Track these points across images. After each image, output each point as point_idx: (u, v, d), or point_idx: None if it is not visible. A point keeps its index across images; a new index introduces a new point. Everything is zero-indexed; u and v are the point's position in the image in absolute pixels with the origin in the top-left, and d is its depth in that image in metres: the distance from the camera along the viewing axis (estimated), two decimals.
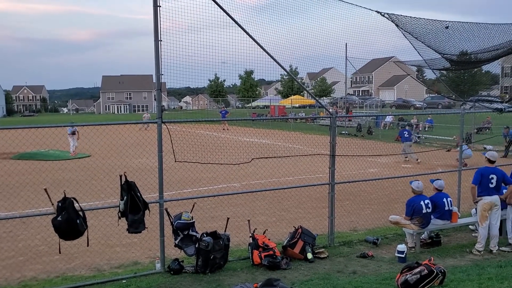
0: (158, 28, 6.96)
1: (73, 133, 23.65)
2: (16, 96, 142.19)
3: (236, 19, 7.38)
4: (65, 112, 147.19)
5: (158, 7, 6.91)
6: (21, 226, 10.32)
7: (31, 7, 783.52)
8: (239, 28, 7.43)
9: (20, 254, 8.70)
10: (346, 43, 10.40)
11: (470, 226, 9.86)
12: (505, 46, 11.22)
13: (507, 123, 26.27)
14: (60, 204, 6.51)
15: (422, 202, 8.62)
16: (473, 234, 9.46)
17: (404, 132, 21.48)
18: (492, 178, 8.45)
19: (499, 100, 14.22)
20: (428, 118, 34.42)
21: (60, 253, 6.82)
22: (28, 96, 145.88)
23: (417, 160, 20.05)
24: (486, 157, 8.74)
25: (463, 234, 9.74)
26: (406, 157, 20.79)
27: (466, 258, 8.23)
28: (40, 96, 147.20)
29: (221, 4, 7.23)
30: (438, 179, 9.30)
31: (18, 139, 8.93)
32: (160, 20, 6.93)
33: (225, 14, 7.29)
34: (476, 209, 8.90)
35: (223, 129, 38.35)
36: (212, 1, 7.14)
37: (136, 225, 6.93)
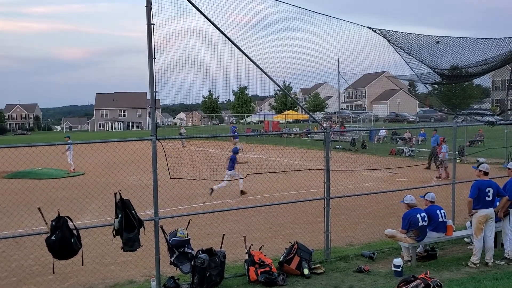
0: (152, 46, 6.99)
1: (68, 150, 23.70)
2: (9, 115, 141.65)
3: (229, 36, 7.44)
4: (58, 130, 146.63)
5: (152, 25, 6.96)
6: (14, 246, 10.21)
7: (24, 26, 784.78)
8: (233, 45, 7.50)
9: (13, 274, 8.60)
10: (338, 59, 10.49)
11: (465, 239, 9.87)
12: (495, 60, 11.38)
13: (498, 136, 26.48)
14: (54, 223, 6.47)
15: (418, 215, 8.64)
16: (468, 247, 9.47)
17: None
18: (489, 191, 8.47)
19: (491, 113, 14.36)
20: (421, 131, 34.61)
21: (54, 273, 6.75)
22: (21, 115, 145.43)
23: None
24: (481, 170, 8.75)
25: (458, 247, 9.75)
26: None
27: (462, 271, 8.23)
28: (33, 115, 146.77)
29: (214, 22, 7.30)
30: (428, 192, 9.34)
31: (11, 158, 8.88)
32: (154, 38, 6.98)
33: (218, 31, 7.35)
34: (471, 221, 8.92)
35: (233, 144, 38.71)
36: (206, 19, 7.21)
37: (131, 243, 6.88)
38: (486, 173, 8.72)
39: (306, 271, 7.95)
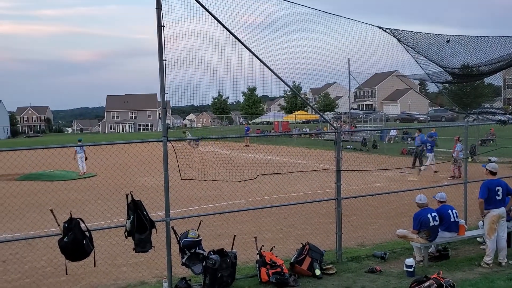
0: (163, 48, 7.02)
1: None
2: (20, 117, 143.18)
3: (238, 37, 7.45)
4: (69, 132, 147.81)
5: (162, 27, 6.99)
6: (27, 247, 10.31)
7: (34, 29, 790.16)
8: (242, 46, 7.50)
9: (26, 276, 8.68)
10: (348, 58, 10.44)
11: (478, 239, 9.78)
12: (506, 59, 11.25)
13: (510, 135, 26.19)
14: (66, 225, 6.51)
15: (429, 215, 8.58)
16: (481, 247, 9.38)
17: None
18: (498, 190, 8.41)
19: (503, 112, 14.22)
20: (432, 131, 34.36)
21: (66, 274, 6.80)
22: (32, 117, 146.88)
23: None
24: (488, 169, 8.68)
25: (471, 247, 9.66)
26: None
27: (475, 271, 8.16)
28: (44, 117, 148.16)
29: (224, 23, 7.31)
30: (438, 192, 9.28)
31: (23, 160, 8.97)
32: (164, 39, 7.00)
33: (228, 32, 7.36)
34: (483, 221, 8.84)
35: (245, 145, 38.56)
36: (216, 21, 7.22)
37: (143, 244, 6.91)
38: (493, 173, 8.64)
39: (317, 272, 7.93)
